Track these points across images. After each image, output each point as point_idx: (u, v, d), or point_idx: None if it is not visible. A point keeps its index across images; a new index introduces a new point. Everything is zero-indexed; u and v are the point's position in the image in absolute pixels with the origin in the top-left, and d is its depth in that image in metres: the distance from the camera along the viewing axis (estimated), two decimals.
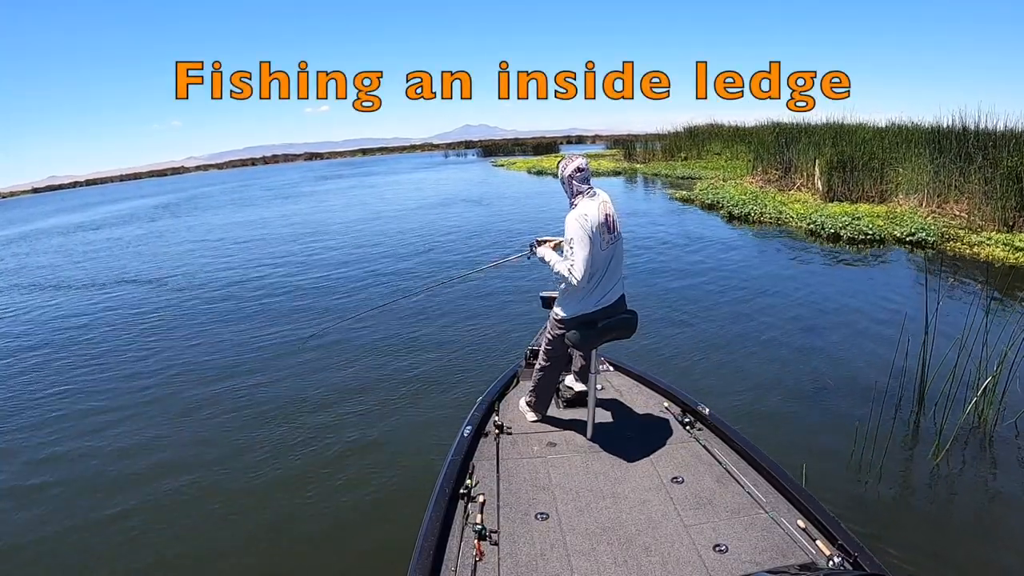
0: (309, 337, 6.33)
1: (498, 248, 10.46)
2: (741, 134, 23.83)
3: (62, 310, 8.99)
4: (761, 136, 17.66)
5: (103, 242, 17.18)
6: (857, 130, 14.89)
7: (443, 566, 2.05)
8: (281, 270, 10.45)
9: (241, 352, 6.33)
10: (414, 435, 4.30)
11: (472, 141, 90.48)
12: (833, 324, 6.15)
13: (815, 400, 4.54)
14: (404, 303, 7.36)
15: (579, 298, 2.75)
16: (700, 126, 27.19)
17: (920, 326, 4.15)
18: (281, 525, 3.42)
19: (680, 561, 2.07)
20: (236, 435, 4.50)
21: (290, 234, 14.85)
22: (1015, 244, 8.68)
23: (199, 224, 19.52)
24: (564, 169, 2.79)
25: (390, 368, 5.59)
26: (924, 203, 11.52)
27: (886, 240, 9.63)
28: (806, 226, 10.86)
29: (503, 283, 8.38)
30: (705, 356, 5.49)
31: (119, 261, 13.11)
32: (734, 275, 8.24)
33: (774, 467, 2.50)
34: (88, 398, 5.42)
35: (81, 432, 4.74)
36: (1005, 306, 6.33)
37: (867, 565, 1.92)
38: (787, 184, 15.49)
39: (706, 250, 9.88)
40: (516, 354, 4.56)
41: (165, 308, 8.46)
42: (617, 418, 3.12)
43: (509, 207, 17.02)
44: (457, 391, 4.95)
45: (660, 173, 23.37)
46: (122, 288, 10.16)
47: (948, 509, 3.30)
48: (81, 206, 39.64)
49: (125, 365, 6.23)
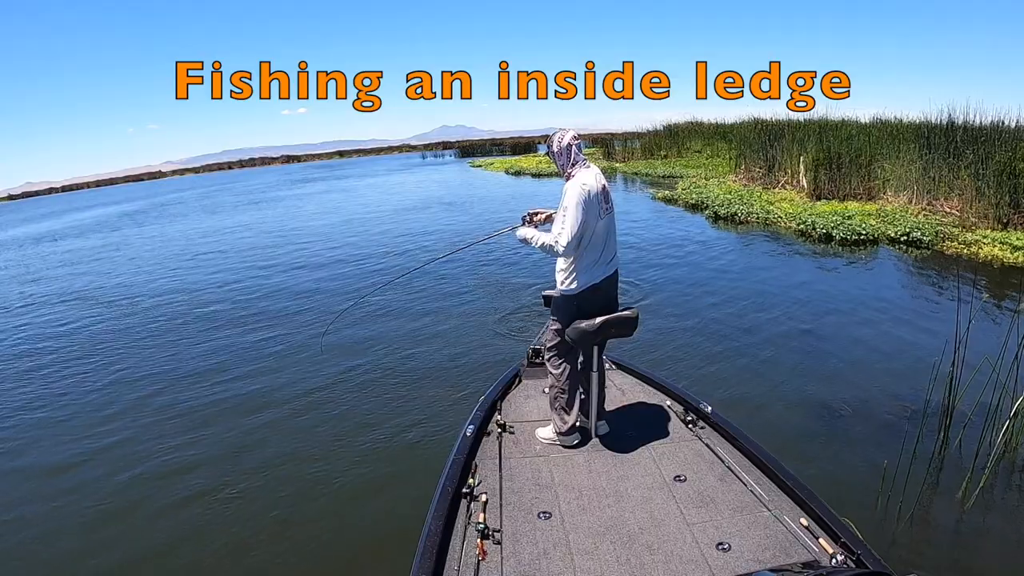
0: (319, 335, 6.24)
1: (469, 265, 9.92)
2: (722, 131, 23.55)
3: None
4: (743, 133, 17.27)
5: (57, 256, 16.17)
6: (842, 126, 14.57)
7: (446, 565, 2.04)
8: (230, 287, 9.71)
9: (230, 359, 6.09)
10: (416, 434, 4.28)
11: (450, 142, 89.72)
12: (839, 337, 5.70)
13: (833, 427, 4.06)
14: (404, 304, 7.40)
15: (587, 268, 2.74)
16: (680, 124, 26.89)
17: (933, 335, 3.72)
18: (283, 524, 3.41)
19: (683, 559, 2.06)
20: (235, 437, 4.50)
21: (247, 245, 13.84)
22: (1012, 243, 8.34)
23: (159, 235, 18.47)
24: (563, 138, 2.76)
25: (390, 368, 5.54)
26: (914, 200, 11.20)
27: (880, 240, 9.25)
28: (796, 226, 10.45)
29: (505, 280, 8.28)
30: (712, 369, 5.11)
31: (62, 281, 12.02)
32: (727, 283, 7.75)
33: (776, 465, 2.49)
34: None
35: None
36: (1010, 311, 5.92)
37: (870, 563, 1.90)
38: (771, 182, 15.15)
39: (693, 256, 9.38)
40: (518, 353, 4.58)
41: (109, 328, 7.71)
42: (619, 416, 3.10)
43: (482, 211, 16.39)
44: (459, 390, 4.90)
45: (640, 172, 22.97)
46: (59, 308, 9.34)
47: (976, 554, 2.90)
48: (49, 214, 37.95)
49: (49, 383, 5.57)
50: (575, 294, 2.76)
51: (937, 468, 3.52)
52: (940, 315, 6.09)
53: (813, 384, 4.70)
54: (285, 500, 3.64)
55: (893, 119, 14.55)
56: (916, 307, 6.45)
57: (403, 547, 2.42)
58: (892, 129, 13.67)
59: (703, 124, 26.02)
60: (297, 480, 3.84)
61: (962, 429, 3.62)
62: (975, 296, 6.63)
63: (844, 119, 15.25)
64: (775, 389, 4.63)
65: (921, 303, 6.58)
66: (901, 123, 13.81)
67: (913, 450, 3.22)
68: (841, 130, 14.09)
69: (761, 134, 16.06)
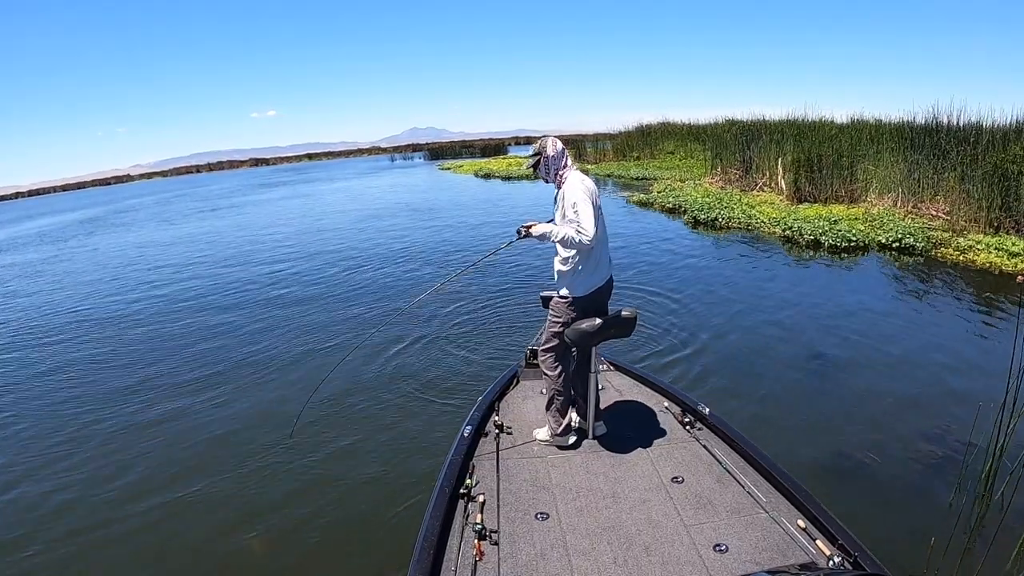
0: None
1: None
2: (695, 132, 23.16)
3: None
4: (718, 134, 16.80)
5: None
6: (819, 126, 14.17)
7: (443, 566, 2.04)
8: (158, 311, 8.71)
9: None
10: (414, 435, 4.19)
11: (420, 144, 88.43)
12: (855, 364, 5.04)
13: (859, 472, 3.40)
14: (401, 305, 7.29)
15: (589, 271, 2.75)
16: (652, 125, 26.49)
17: (954, 357, 3.16)
18: (281, 525, 3.35)
19: (680, 561, 2.05)
20: (231, 439, 4.42)
21: (184, 260, 12.46)
22: (1008, 249, 7.90)
23: (99, 248, 16.81)
24: (556, 144, 2.80)
25: (387, 369, 5.44)
26: (899, 203, 10.78)
27: (870, 247, 8.74)
28: (780, 232, 9.90)
29: (502, 283, 8.07)
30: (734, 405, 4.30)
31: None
32: (716, 300, 7.08)
33: (774, 467, 2.46)
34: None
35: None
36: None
37: (867, 565, 1.88)
38: (749, 184, 14.69)
39: (676, 266, 8.69)
40: (516, 354, 4.51)
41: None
42: (617, 418, 3.06)
43: (455, 223, 15.55)
44: (457, 391, 4.81)
45: (613, 174, 22.41)
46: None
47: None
48: (2, 223, 35.67)
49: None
50: (579, 297, 2.76)
51: (977, 526, 2.94)
52: (954, 331, 5.56)
53: (832, 421, 4.05)
54: (280, 501, 3.56)
55: (872, 120, 14.22)
56: (927, 323, 5.88)
57: (400, 548, 2.43)
58: (872, 130, 13.30)
59: (675, 125, 25.65)
60: (293, 481, 3.76)
61: (1010, 480, 3.01)
62: (977, 307, 6.13)
63: (821, 119, 14.88)
64: (793, 430, 3.95)
65: (929, 316, 6.03)
66: (881, 124, 13.47)
67: (949, 503, 2.88)
68: (820, 131, 13.69)
69: (737, 135, 15.60)
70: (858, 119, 14.61)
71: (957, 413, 3.96)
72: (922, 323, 5.89)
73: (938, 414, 4.03)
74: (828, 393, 4.52)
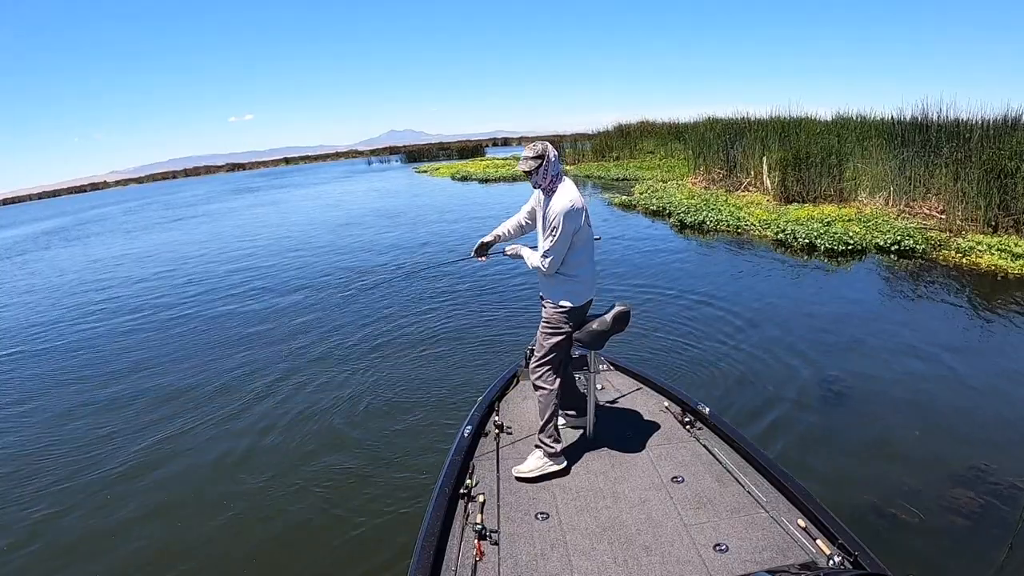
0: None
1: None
2: (676, 131, 22.78)
3: None
4: (700, 132, 16.35)
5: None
6: (804, 123, 13.79)
7: (443, 566, 2.04)
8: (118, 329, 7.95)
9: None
10: (414, 435, 4.17)
11: (397, 147, 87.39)
12: (863, 378, 4.54)
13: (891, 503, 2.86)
14: (398, 307, 7.26)
15: (585, 283, 2.72)
16: (631, 124, 26.09)
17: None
18: (280, 524, 3.33)
19: (680, 560, 2.04)
20: (232, 441, 4.37)
21: (139, 276, 11.59)
22: (1011, 250, 7.51)
23: (48, 262, 15.91)
24: (549, 149, 2.68)
25: (386, 370, 5.39)
26: (890, 202, 10.41)
27: (868, 250, 8.30)
28: (772, 235, 9.44)
29: (501, 284, 7.97)
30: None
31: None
32: (711, 315, 6.54)
33: (774, 467, 2.44)
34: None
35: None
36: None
37: (867, 564, 1.86)
38: (734, 184, 14.28)
39: (665, 275, 8.15)
40: (516, 354, 4.56)
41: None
42: (617, 417, 3.06)
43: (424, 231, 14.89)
44: (457, 391, 4.78)
45: (592, 175, 21.95)
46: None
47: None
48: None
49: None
50: (578, 307, 2.73)
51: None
52: (972, 342, 5.10)
53: (865, 452, 3.52)
54: (281, 501, 3.55)
55: (856, 116, 13.86)
56: (938, 330, 5.40)
57: (400, 548, 2.49)
58: (858, 127, 12.94)
59: (655, 124, 25.28)
60: (293, 481, 3.75)
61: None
62: (993, 314, 5.68)
63: (807, 116, 14.50)
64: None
65: (940, 324, 5.56)
66: (866, 120, 13.11)
67: (1010, 543, 2.68)
68: (806, 128, 13.30)
69: (720, 133, 15.18)
70: (841, 115, 14.26)
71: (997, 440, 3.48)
72: (934, 330, 5.42)
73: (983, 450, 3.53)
74: (852, 426, 3.99)
